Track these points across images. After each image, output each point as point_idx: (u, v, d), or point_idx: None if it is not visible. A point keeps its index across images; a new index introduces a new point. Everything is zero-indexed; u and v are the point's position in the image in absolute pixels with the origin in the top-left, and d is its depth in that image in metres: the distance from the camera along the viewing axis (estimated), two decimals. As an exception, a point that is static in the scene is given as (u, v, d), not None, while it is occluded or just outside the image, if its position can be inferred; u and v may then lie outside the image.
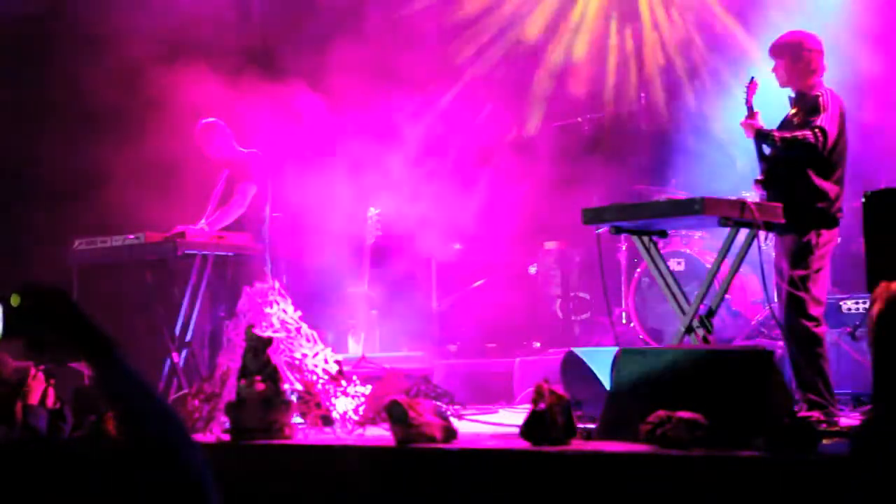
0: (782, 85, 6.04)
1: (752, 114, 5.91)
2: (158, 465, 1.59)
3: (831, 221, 5.82)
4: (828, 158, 5.76)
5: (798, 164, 5.76)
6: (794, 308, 5.73)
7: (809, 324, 5.71)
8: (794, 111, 6.00)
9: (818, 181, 5.77)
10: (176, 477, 1.58)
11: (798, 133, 5.72)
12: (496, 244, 9.73)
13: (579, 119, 9.59)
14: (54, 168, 8.31)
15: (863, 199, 5.16)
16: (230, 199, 7.28)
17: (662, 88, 9.69)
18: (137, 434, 1.65)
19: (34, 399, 5.12)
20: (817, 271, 5.78)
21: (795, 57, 5.92)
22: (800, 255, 5.76)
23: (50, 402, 5.20)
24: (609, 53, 10.00)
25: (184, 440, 1.70)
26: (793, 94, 6.03)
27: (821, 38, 6.01)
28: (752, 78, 6.02)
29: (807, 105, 5.88)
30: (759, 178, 6.01)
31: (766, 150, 5.92)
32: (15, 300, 1.70)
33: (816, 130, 5.67)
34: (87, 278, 6.67)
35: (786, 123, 6.02)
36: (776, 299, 6.12)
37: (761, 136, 5.83)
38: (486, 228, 9.33)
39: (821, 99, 5.78)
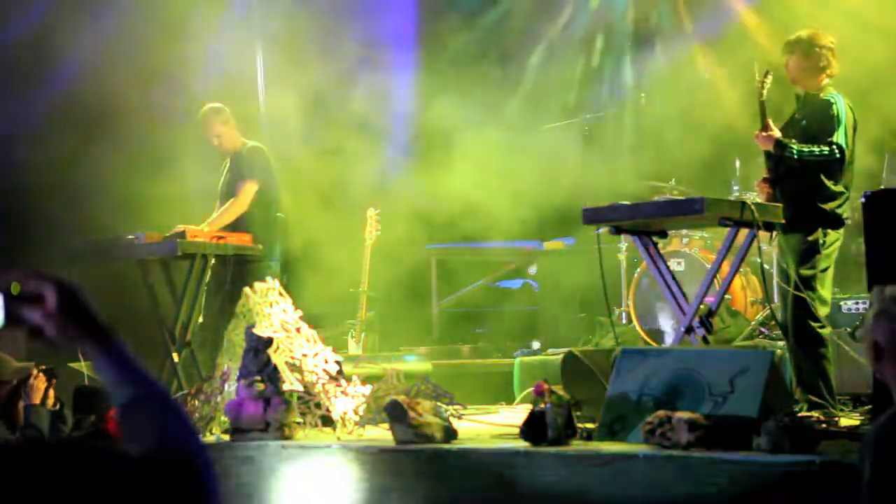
0: (793, 82, 6.04)
1: (766, 128, 5.88)
2: (162, 460, 1.58)
3: (838, 221, 5.82)
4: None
5: (806, 165, 5.76)
6: (800, 308, 5.71)
7: (815, 324, 5.70)
8: (801, 113, 5.99)
9: (826, 182, 5.77)
10: (181, 474, 1.57)
11: (816, 149, 5.71)
12: (495, 244, 9.73)
13: (579, 118, 9.59)
14: (54, 167, 8.30)
15: (863, 199, 5.16)
16: (232, 197, 7.26)
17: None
18: (139, 426, 1.64)
19: (36, 399, 5.13)
20: (824, 271, 5.77)
21: (806, 53, 5.91)
22: (806, 255, 5.76)
23: (49, 402, 5.20)
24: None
25: (189, 433, 1.68)
26: (801, 93, 6.03)
27: (834, 38, 6.00)
28: (762, 99, 5.96)
29: (816, 110, 5.86)
30: (765, 175, 6.01)
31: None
32: (16, 288, 1.70)
33: (835, 148, 5.68)
34: (87, 278, 6.66)
35: (791, 123, 6.01)
36: (779, 299, 6.11)
37: (780, 147, 5.80)
38: (486, 228, 9.33)
39: (833, 109, 5.76)
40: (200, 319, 6.98)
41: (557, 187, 9.07)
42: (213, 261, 6.88)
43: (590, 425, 4.90)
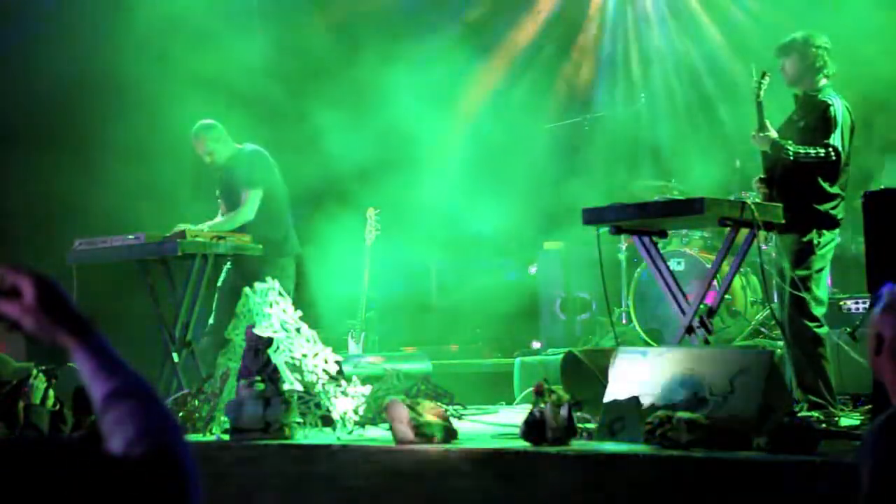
0: (790, 84, 6.03)
1: (763, 128, 5.87)
2: (142, 453, 1.57)
3: (833, 222, 5.82)
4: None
5: (803, 166, 5.76)
6: (796, 308, 5.73)
7: (811, 324, 5.71)
8: (798, 114, 5.98)
9: (822, 183, 5.77)
10: (161, 467, 1.55)
11: (812, 151, 5.71)
12: (496, 244, 9.74)
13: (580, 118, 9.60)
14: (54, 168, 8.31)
15: (863, 199, 5.16)
16: (235, 202, 7.24)
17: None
18: (119, 420, 1.62)
19: (36, 399, 5.13)
20: (819, 271, 5.78)
21: (802, 55, 5.91)
22: (801, 256, 5.77)
23: (49, 402, 5.20)
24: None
25: (169, 425, 1.66)
26: (799, 94, 6.02)
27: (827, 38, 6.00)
28: (759, 100, 5.94)
29: (814, 111, 5.86)
30: (761, 176, 6.01)
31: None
32: None
33: (831, 150, 5.68)
34: (87, 278, 6.66)
35: (788, 124, 6.01)
36: (777, 299, 6.12)
37: (776, 148, 5.80)
38: (486, 228, 9.33)
39: (831, 110, 5.75)
40: (211, 321, 6.98)
41: (558, 187, 9.08)
42: (227, 263, 6.86)
43: (590, 425, 4.90)
